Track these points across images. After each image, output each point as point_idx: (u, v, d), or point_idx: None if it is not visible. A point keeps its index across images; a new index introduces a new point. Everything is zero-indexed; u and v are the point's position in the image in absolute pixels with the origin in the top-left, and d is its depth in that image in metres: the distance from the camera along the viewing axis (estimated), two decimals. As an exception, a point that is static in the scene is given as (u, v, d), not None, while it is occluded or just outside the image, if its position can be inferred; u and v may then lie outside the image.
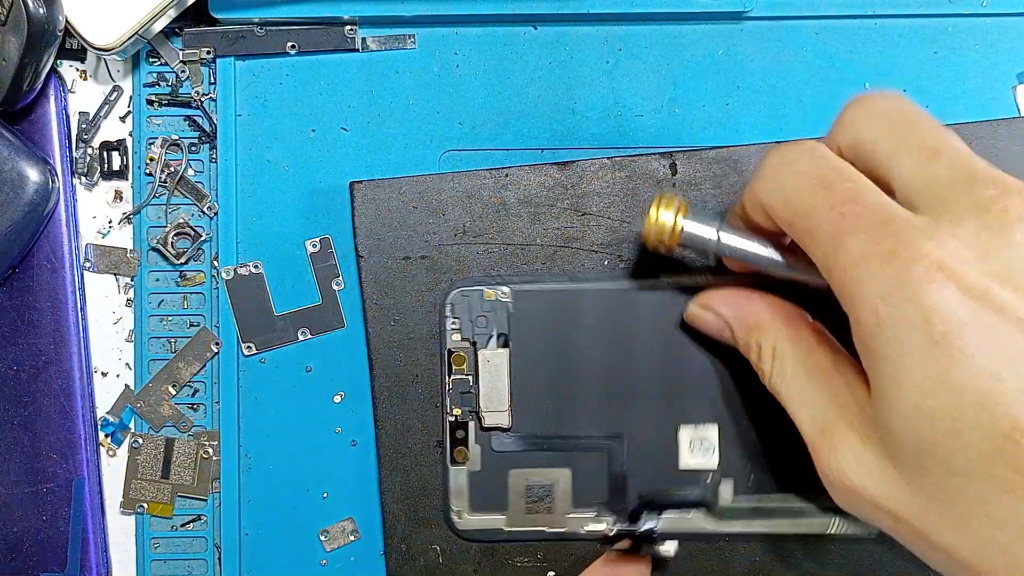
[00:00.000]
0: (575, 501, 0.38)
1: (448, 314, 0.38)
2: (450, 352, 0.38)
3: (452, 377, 0.38)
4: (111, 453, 0.41)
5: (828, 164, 0.28)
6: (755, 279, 0.34)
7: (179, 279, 0.41)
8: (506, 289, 0.37)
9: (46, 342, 0.40)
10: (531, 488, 0.38)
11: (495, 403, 0.37)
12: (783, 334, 0.31)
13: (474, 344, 0.38)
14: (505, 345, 0.37)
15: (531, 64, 0.41)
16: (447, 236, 0.39)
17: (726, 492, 0.37)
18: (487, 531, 0.38)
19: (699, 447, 0.37)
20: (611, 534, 0.37)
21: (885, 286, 0.25)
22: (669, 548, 0.36)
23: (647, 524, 0.36)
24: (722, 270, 0.36)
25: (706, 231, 0.33)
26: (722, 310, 0.34)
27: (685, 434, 0.37)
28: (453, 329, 0.38)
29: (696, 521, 0.37)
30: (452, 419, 0.38)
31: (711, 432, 0.37)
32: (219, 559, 0.41)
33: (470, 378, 0.38)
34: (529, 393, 0.37)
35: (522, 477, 0.38)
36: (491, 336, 0.38)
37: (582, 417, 0.37)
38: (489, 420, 0.37)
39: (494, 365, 0.37)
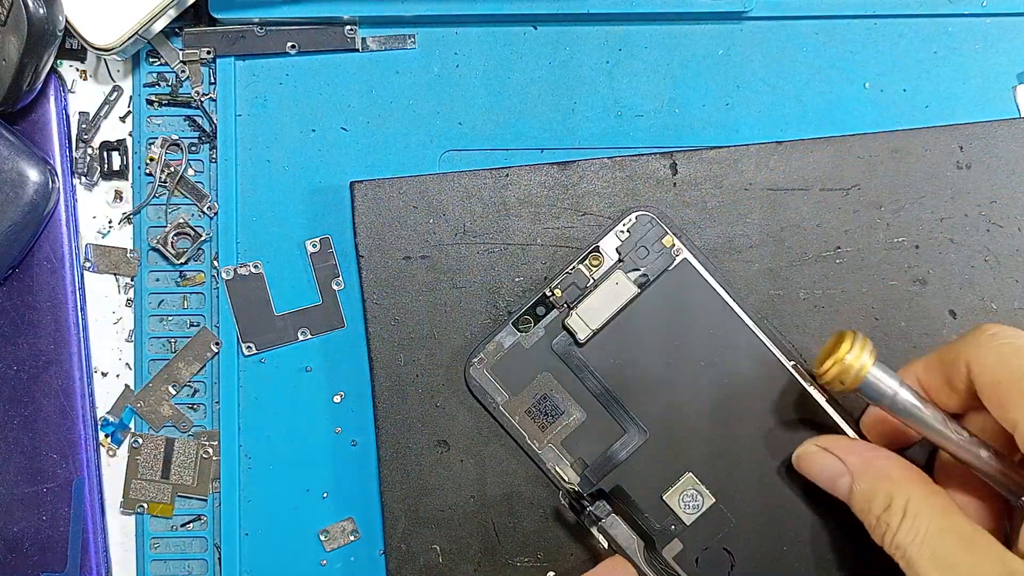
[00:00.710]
0: (567, 440, 0.38)
1: (625, 223, 0.38)
2: (596, 248, 0.38)
3: (581, 265, 0.38)
4: (111, 453, 0.41)
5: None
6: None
7: (179, 279, 0.41)
8: (684, 252, 0.37)
9: (46, 342, 0.40)
10: (546, 399, 0.38)
11: (590, 317, 0.37)
12: (919, 491, 0.30)
13: (620, 261, 0.38)
14: (640, 287, 0.37)
15: (531, 64, 0.41)
16: (447, 236, 0.39)
17: (673, 549, 0.37)
18: (488, 394, 0.38)
19: (687, 501, 0.37)
20: (568, 487, 0.37)
21: None
22: (603, 540, 0.36)
23: (599, 511, 0.36)
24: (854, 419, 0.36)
25: (889, 384, 0.32)
26: (849, 457, 0.33)
27: (687, 480, 0.37)
28: (619, 233, 0.38)
29: (630, 545, 0.37)
30: (547, 294, 0.38)
31: (706, 498, 0.37)
32: (219, 559, 0.41)
33: (591, 279, 0.38)
34: (618, 338, 0.37)
35: (547, 385, 0.38)
36: (636, 269, 0.37)
37: (636, 396, 0.37)
38: (572, 323, 0.37)
39: (617, 290, 0.37)
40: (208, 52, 0.41)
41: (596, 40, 0.41)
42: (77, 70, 0.42)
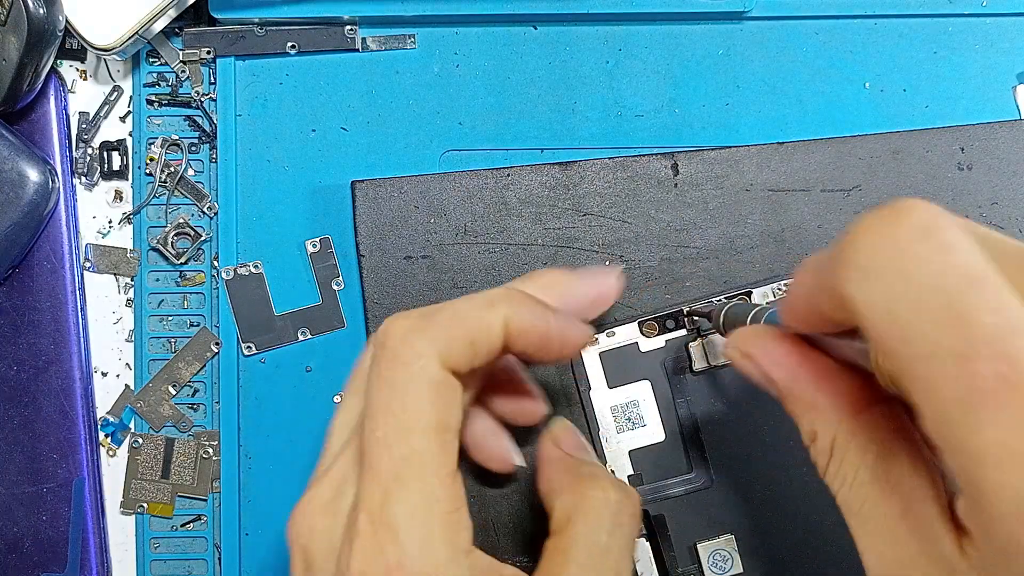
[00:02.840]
0: (635, 452, 0.37)
1: (786, 282, 0.37)
2: (748, 292, 0.37)
3: (726, 300, 0.37)
4: (111, 453, 0.41)
5: (967, 278, 0.18)
6: None
7: (179, 279, 0.41)
8: None
9: (46, 342, 0.40)
10: (636, 405, 0.37)
11: (714, 352, 0.37)
12: (847, 426, 0.23)
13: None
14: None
15: (531, 64, 0.41)
16: (448, 236, 0.39)
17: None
18: (587, 376, 0.38)
19: (718, 560, 0.37)
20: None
21: None
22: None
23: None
24: None
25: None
26: (773, 372, 0.25)
27: (726, 540, 0.37)
28: (776, 289, 0.37)
29: (645, 572, 0.36)
30: (684, 311, 0.37)
31: (735, 565, 0.37)
32: (219, 559, 0.41)
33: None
34: (728, 384, 0.37)
35: (643, 393, 0.37)
36: None
37: (718, 444, 0.37)
38: (695, 350, 0.37)
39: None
40: (208, 52, 0.41)
41: (596, 40, 0.41)
42: (77, 70, 0.42)
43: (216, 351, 0.41)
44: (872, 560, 0.22)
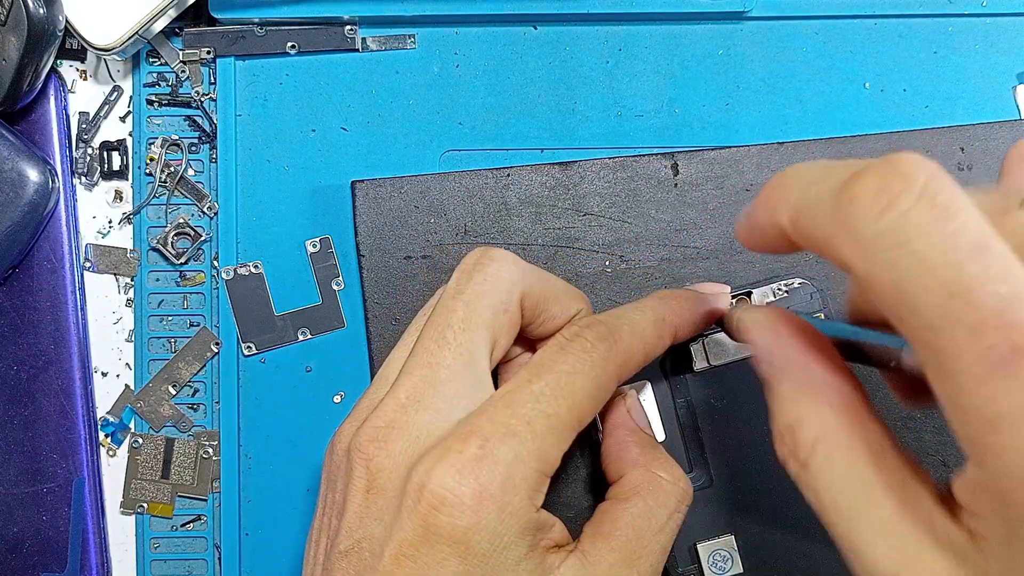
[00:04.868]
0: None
1: (786, 284, 0.37)
2: (749, 293, 0.37)
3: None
4: (111, 453, 0.41)
5: (972, 247, 0.18)
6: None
7: (179, 279, 0.41)
8: None
9: (46, 342, 0.40)
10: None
11: (715, 352, 0.36)
12: (843, 429, 0.23)
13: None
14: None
15: (531, 64, 0.41)
16: (448, 236, 0.39)
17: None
18: None
19: (717, 560, 0.36)
20: None
21: None
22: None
23: None
24: None
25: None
26: (776, 350, 0.25)
27: (727, 541, 0.37)
28: (776, 290, 0.37)
29: None
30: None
31: (735, 566, 0.36)
32: (219, 559, 0.41)
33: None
34: (730, 384, 0.37)
35: (642, 392, 0.37)
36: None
37: (719, 444, 0.37)
38: (696, 349, 0.36)
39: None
40: (208, 52, 0.41)
41: (596, 40, 0.41)
42: (77, 70, 0.42)
43: (216, 351, 0.41)
44: (872, 560, 0.22)
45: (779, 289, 0.37)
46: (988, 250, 0.18)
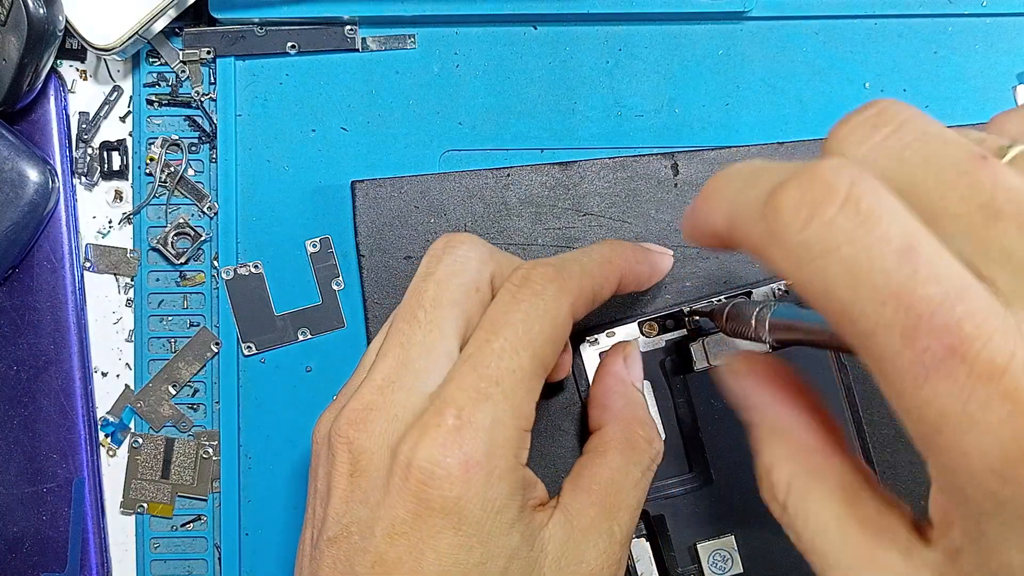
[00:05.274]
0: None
1: (786, 283, 0.37)
2: (749, 292, 0.37)
3: (727, 300, 0.36)
4: (111, 453, 0.41)
5: (900, 250, 0.18)
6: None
7: (179, 279, 0.41)
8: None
9: (46, 342, 0.40)
10: None
11: (714, 352, 0.36)
12: (812, 465, 0.23)
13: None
14: (772, 348, 0.36)
15: (531, 64, 0.41)
16: (448, 236, 0.39)
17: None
18: (586, 375, 0.37)
19: (717, 560, 0.37)
20: None
21: (1004, 459, 0.17)
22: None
23: (636, 530, 0.36)
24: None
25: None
26: (748, 401, 0.26)
27: (726, 541, 0.37)
28: (777, 289, 0.37)
29: (645, 572, 0.36)
30: (684, 311, 0.37)
31: (735, 565, 0.37)
32: (219, 559, 0.41)
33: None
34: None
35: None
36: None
37: (718, 445, 0.37)
38: (695, 350, 0.36)
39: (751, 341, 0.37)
40: (208, 52, 0.41)
41: (596, 40, 0.41)
42: (77, 70, 0.42)
43: (216, 351, 0.41)
44: None
45: (779, 289, 0.37)
46: (916, 252, 0.18)
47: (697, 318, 0.37)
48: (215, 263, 0.41)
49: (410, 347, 0.29)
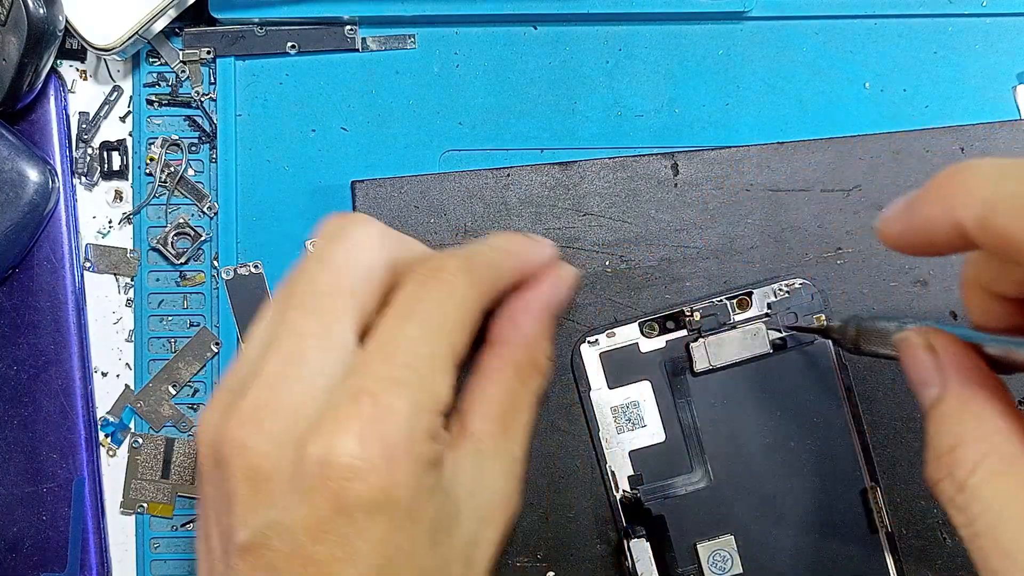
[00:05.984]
0: (635, 452, 0.37)
1: (787, 284, 0.37)
2: (749, 293, 0.37)
3: (728, 301, 0.37)
4: (111, 453, 0.41)
5: None
6: None
7: (179, 279, 0.41)
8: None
9: (46, 342, 0.40)
10: (636, 405, 0.37)
11: (716, 353, 0.37)
12: (1007, 448, 0.23)
13: (767, 316, 0.37)
14: (774, 349, 0.37)
15: (531, 64, 0.41)
16: (448, 236, 0.39)
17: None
18: (587, 376, 0.37)
19: (717, 560, 0.37)
20: (632, 493, 0.37)
21: None
22: (627, 559, 0.36)
23: (637, 531, 0.37)
24: None
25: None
26: (949, 371, 0.25)
27: (726, 540, 0.37)
28: (778, 290, 0.37)
29: (646, 572, 0.36)
30: (685, 312, 0.37)
31: (735, 566, 0.36)
32: (219, 559, 0.41)
33: (731, 319, 0.37)
34: (730, 385, 0.37)
35: (643, 393, 0.37)
36: (778, 330, 0.37)
37: (719, 444, 0.37)
38: (696, 350, 0.37)
39: (752, 341, 0.37)
40: (208, 52, 0.41)
41: (596, 40, 0.41)
42: (77, 70, 0.42)
43: (216, 351, 0.41)
44: None
45: (780, 289, 0.37)
46: None
47: (699, 318, 0.37)
48: (215, 263, 0.41)
49: (304, 338, 0.27)
